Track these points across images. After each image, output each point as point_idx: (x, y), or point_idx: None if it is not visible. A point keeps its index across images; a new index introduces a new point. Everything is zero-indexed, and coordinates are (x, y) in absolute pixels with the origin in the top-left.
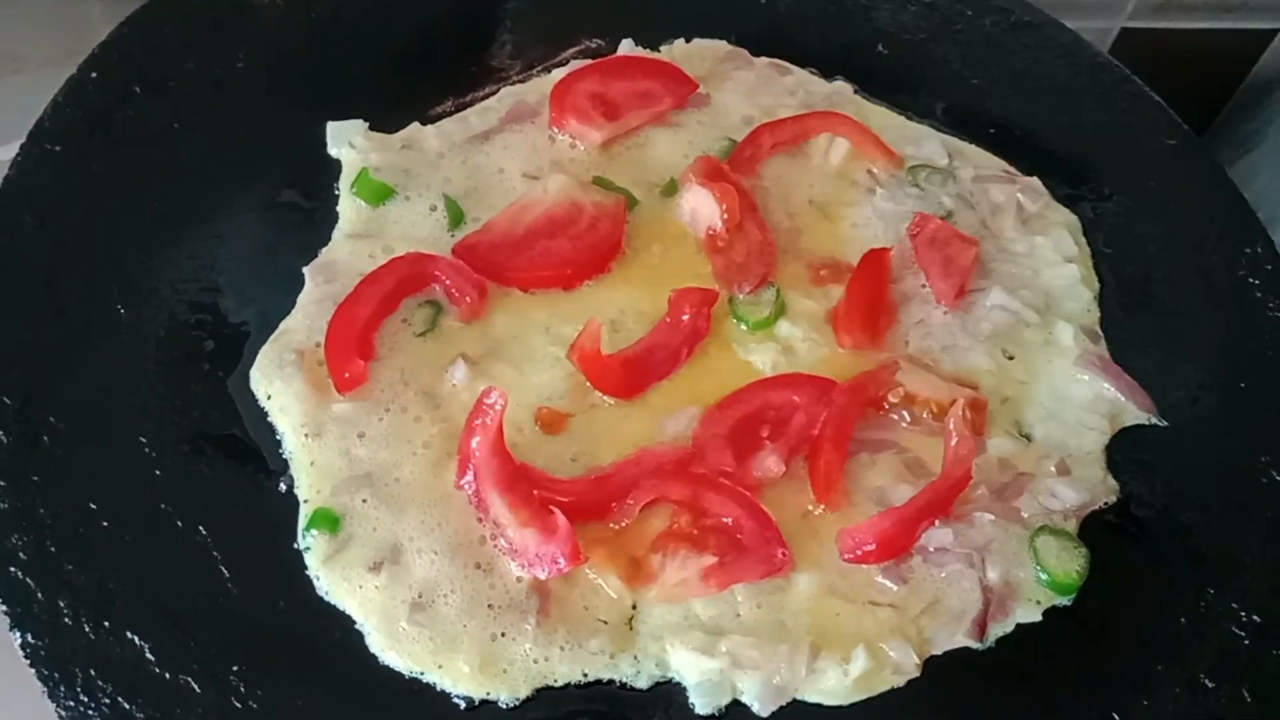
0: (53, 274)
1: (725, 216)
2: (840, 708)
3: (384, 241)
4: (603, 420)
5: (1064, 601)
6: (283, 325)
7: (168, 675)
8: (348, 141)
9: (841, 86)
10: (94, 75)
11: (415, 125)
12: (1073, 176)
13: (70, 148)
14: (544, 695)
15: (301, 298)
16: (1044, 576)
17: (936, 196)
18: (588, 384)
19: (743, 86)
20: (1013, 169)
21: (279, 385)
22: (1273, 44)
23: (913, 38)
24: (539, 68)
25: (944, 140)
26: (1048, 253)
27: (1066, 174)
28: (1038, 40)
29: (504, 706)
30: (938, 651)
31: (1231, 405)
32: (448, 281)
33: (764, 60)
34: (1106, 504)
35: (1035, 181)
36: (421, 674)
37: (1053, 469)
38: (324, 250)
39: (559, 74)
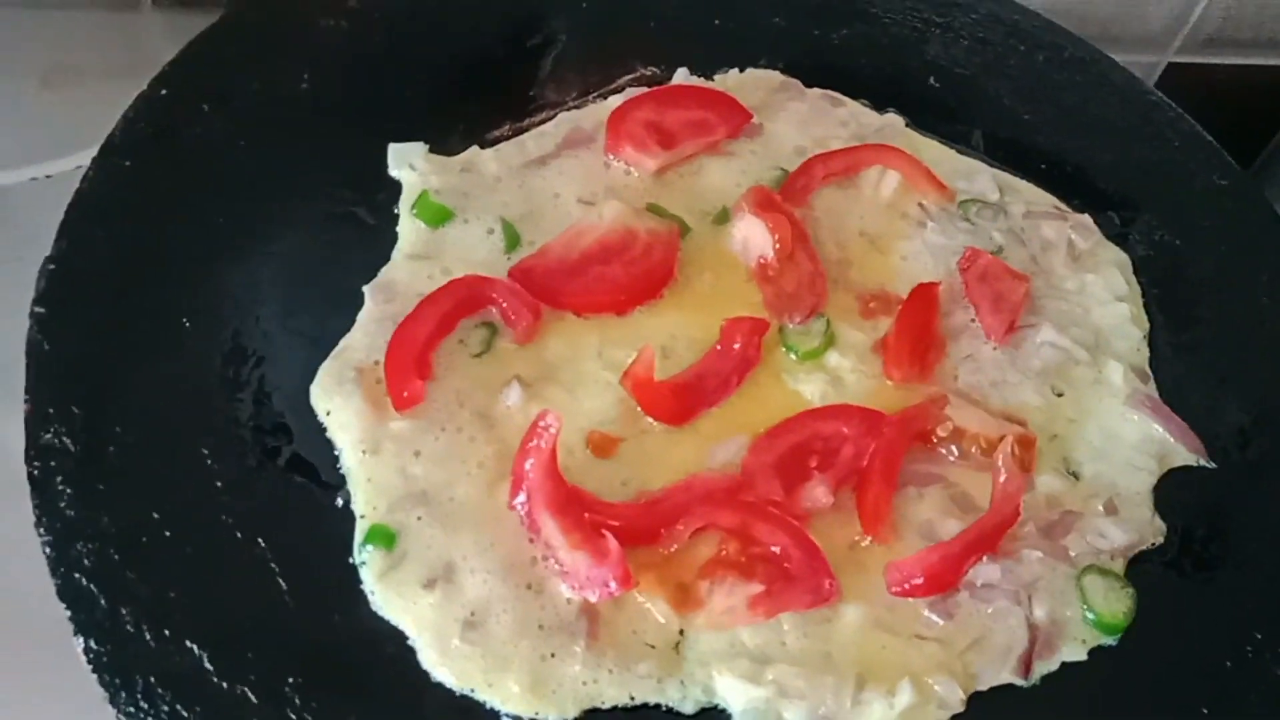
0: (121, 287)
1: (777, 246)
2: None
3: (442, 263)
4: (653, 446)
5: (1110, 642)
6: (343, 343)
7: (225, 685)
8: (408, 163)
9: (893, 119)
10: (163, 92)
11: (474, 149)
12: (1123, 214)
13: (139, 162)
14: (592, 717)
15: (361, 316)
16: (1090, 616)
17: (987, 231)
18: (638, 409)
19: (795, 117)
20: (1064, 205)
21: (338, 402)
22: None
23: (965, 71)
24: (595, 94)
25: (995, 175)
26: (1098, 290)
27: (1117, 211)
28: (1090, 77)
29: None
30: (983, 687)
31: None
32: (504, 304)
33: (816, 91)
34: (1154, 545)
35: (1086, 219)
36: (472, 692)
37: (1101, 508)
38: (384, 270)
39: (615, 101)
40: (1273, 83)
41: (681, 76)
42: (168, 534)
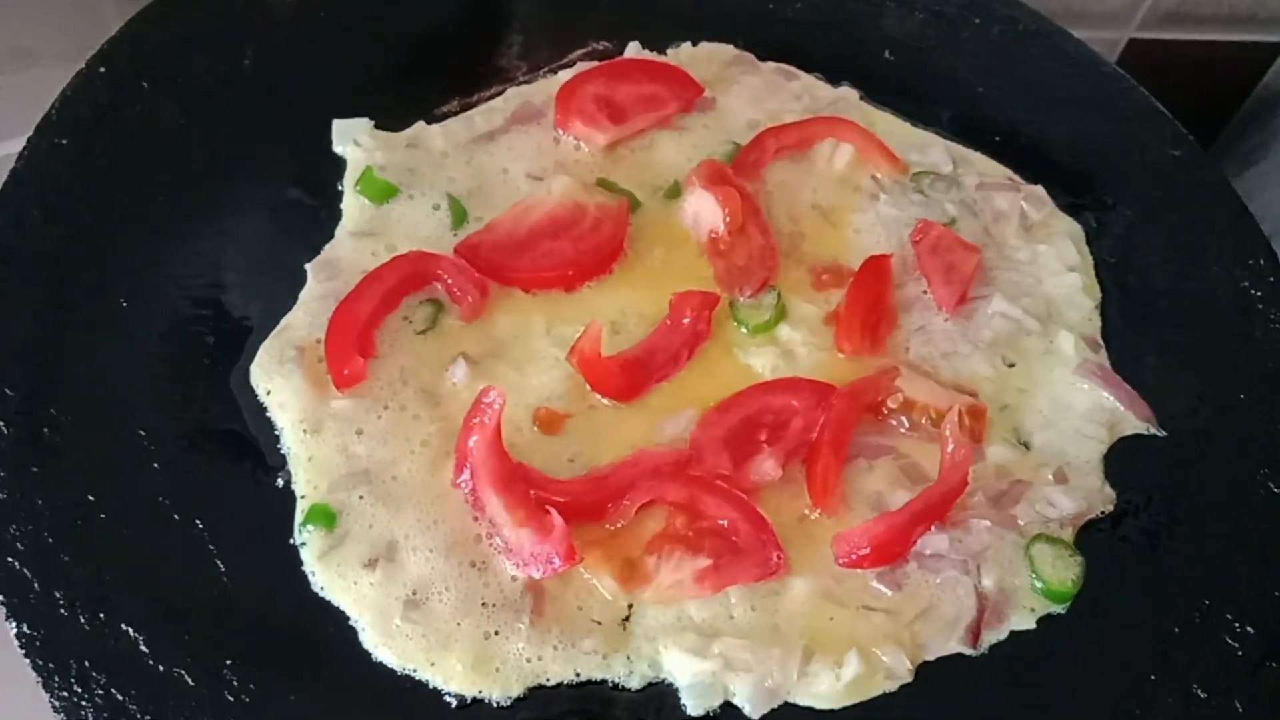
0: (58, 267)
1: (728, 220)
2: (832, 711)
3: (387, 240)
4: (601, 421)
5: (1059, 610)
6: (284, 321)
7: (161, 668)
8: (353, 139)
9: (847, 92)
10: (103, 70)
11: (420, 124)
12: (1077, 186)
13: (78, 142)
14: (536, 694)
15: (303, 294)
16: (1039, 584)
17: (940, 203)
18: (587, 385)
19: (748, 91)
20: (1017, 177)
21: (279, 381)
22: None
23: (920, 45)
24: (545, 69)
25: (949, 147)
26: (1050, 261)
27: (1070, 183)
28: (1045, 49)
29: (496, 705)
30: (931, 657)
31: (1231, 417)
32: (449, 280)
33: (770, 65)
34: (1103, 513)
35: (1039, 190)
36: (414, 671)
37: (1050, 477)
38: (327, 247)
39: (565, 75)
40: (1234, 58)
41: (633, 50)
42: (103, 516)
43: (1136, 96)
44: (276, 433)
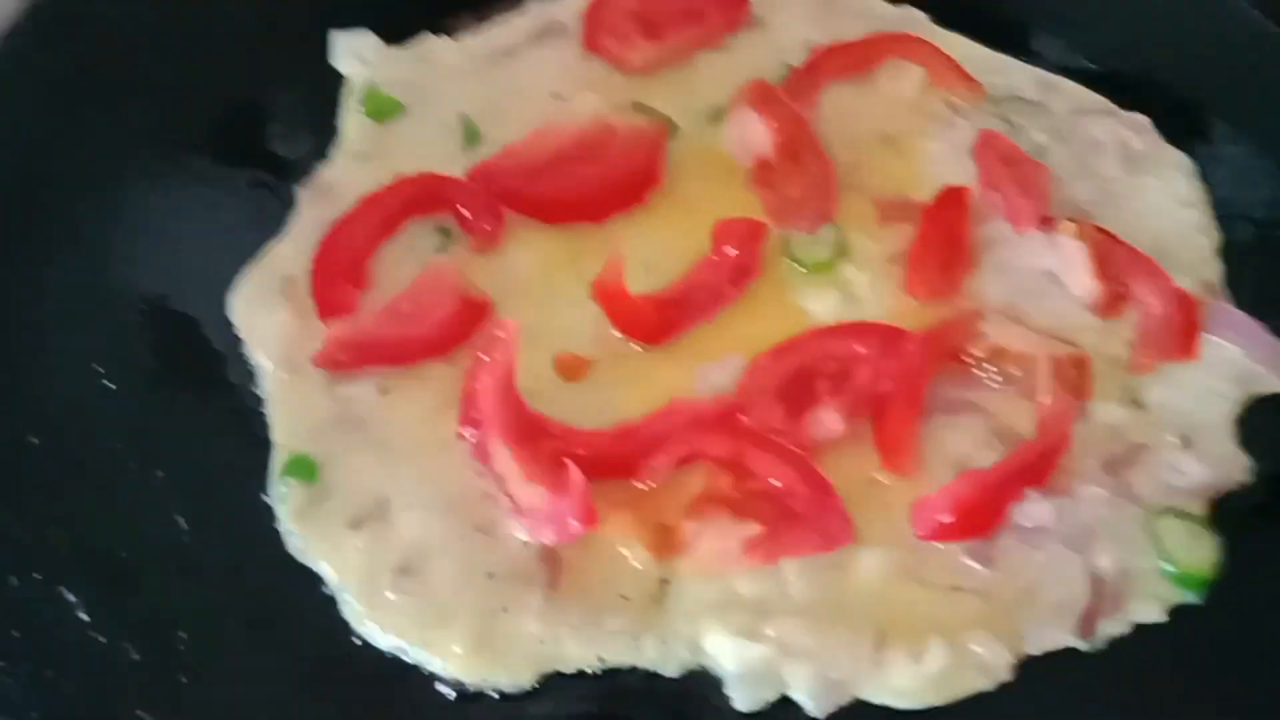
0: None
1: (778, 143)
2: (913, 712)
3: (391, 162)
4: (632, 368)
5: (1193, 599)
6: (269, 250)
7: (103, 639)
8: (355, 54)
9: (913, 13)
10: None
11: (431, 37)
12: (1185, 116)
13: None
14: (552, 684)
15: (293, 221)
16: (1168, 568)
17: (1027, 131)
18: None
19: (802, 8)
20: (1114, 106)
21: (260, 314)
22: None
23: None
24: None
25: (1033, 72)
26: (1157, 197)
27: (1178, 114)
28: None
29: (497, 696)
30: (1035, 651)
31: None
32: (461, 206)
33: None
34: (1241, 485)
35: (1142, 118)
36: (404, 652)
37: (1173, 440)
38: (322, 169)
39: None
40: None
41: None
42: (48, 462)
43: (1248, 19)
44: (254, 372)
